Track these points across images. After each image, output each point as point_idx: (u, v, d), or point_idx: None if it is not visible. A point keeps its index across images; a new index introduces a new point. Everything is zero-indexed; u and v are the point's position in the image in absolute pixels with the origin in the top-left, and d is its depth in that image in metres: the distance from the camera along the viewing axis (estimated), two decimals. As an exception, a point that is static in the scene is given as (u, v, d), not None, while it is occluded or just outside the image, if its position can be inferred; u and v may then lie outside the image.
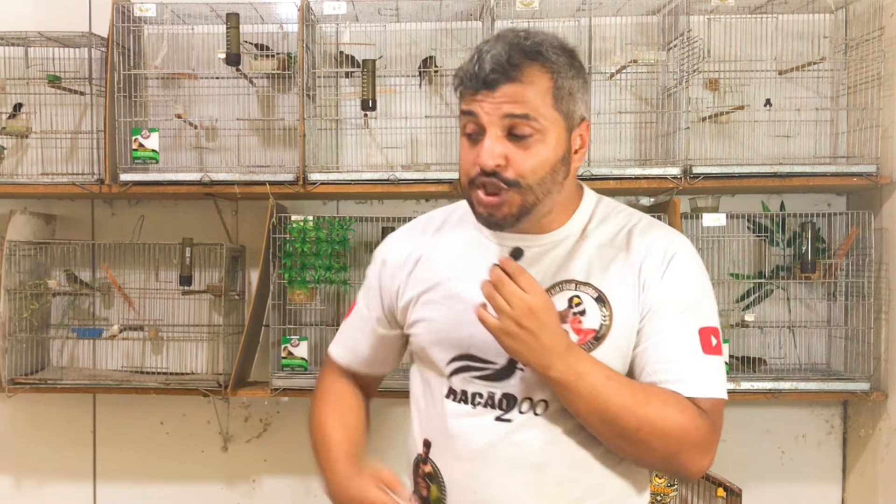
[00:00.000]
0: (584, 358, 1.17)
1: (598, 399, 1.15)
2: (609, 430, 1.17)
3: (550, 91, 1.19)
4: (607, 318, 1.22)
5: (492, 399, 1.25)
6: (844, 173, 2.24)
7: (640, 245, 1.25)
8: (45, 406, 2.61)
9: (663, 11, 2.42)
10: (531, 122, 1.17)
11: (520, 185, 1.18)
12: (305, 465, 2.61)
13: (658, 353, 1.21)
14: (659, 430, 1.15)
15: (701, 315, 1.23)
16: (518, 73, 1.17)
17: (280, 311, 2.39)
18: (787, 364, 2.47)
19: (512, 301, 1.13)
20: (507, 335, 1.14)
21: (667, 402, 1.17)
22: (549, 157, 1.19)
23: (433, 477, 1.30)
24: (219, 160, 2.53)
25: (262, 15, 2.41)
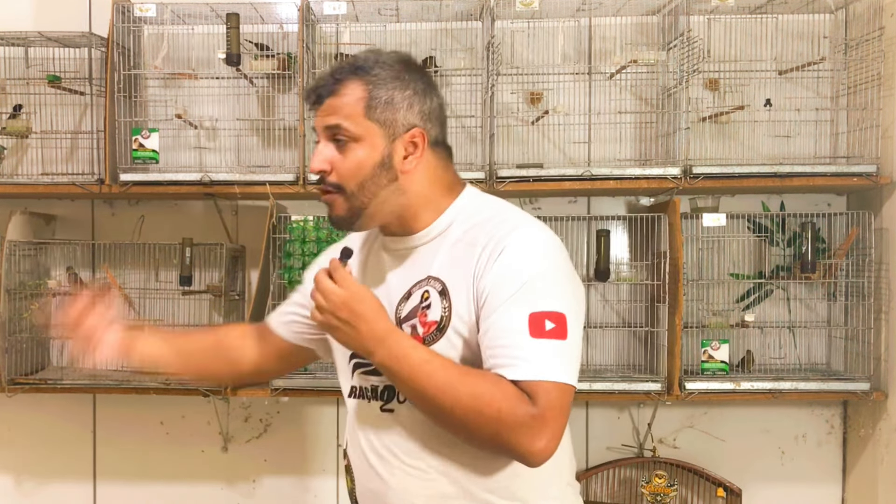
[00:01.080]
0: (403, 343, 1.25)
1: (416, 381, 1.22)
2: (431, 411, 1.24)
3: (363, 101, 1.31)
4: (447, 309, 1.29)
5: (376, 391, 1.36)
6: (844, 173, 2.24)
7: (482, 237, 1.31)
8: (45, 406, 2.61)
9: (663, 11, 2.42)
10: (342, 130, 1.31)
11: (343, 190, 1.32)
12: (305, 465, 2.62)
13: (488, 338, 1.25)
14: (472, 411, 1.19)
15: (533, 300, 1.24)
16: (336, 86, 1.32)
17: (280, 311, 2.39)
18: (787, 364, 2.47)
19: (327, 297, 1.24)
20: (330, 328, 1.26)
21: (481, 384, 1.20)
22: (364, 161, 1.31)
23: (349, 469, 1.43)
24: (219, 160, 2.53)
25: (262, 15, 2.41)
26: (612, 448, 2.53)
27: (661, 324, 2.31)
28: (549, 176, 2.27)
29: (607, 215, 2.47)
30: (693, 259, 2.41)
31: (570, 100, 2.42)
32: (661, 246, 2.33)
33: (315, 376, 2.34)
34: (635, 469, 2.49)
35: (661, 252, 2.32)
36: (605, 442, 2.52)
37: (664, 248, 2.31)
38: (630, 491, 2.47)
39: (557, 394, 1.21)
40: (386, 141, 1.32)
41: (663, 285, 2.28)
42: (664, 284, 2.27)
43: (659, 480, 2.39)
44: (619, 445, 2.53)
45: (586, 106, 2.44)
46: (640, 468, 2.47)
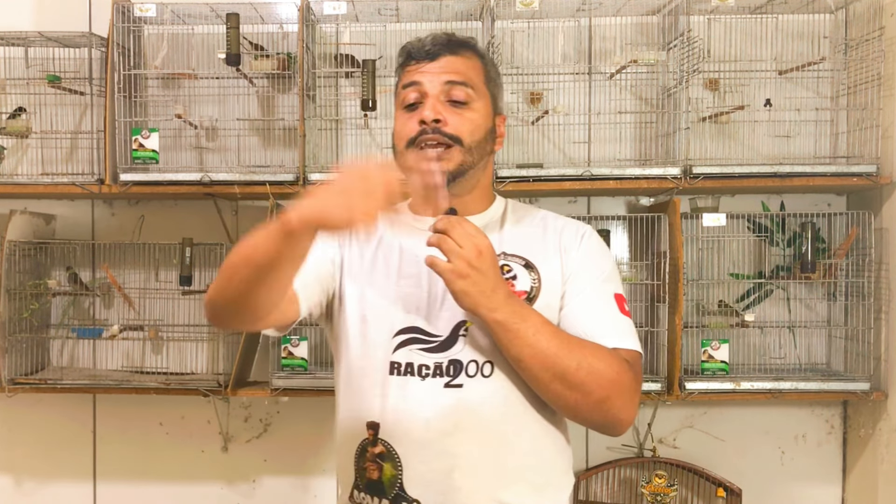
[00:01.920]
0: (523, 304, 1.27)
1: (540, 341, 1.22)
2: (549, 374, 1.23)
3: (482, 70, 1.37)
4: (536, 280, 1.33)
5: (439, 368, 1.30)
6: (844, 173, 2.24)
7: (555, 224, 1.41)
8: (45, 406, 2.61)
9: (663, 11, 2.42)
10: (467, 88, 1.33)
11: (461, 143, 1.31)
12: (305, 465, 2.62)
13: (582, 310, 1.32)
14: (595, 371, 1.23)
15: (615, 283, 1.37)
16: (457, 49, 1.35)
17: (280, 311, 2.39)
18: (787, 364, 2.47)
19: (463, 242, 1.20)
20: (459, 276, 1.20)
21: (598, 348, 1.27)
22: (481, 123, 1.34)
23: (386, 456, 1.32)
24: (219, 160, 2.53)
25: (262, 15, 2.41)
26: (612, 448, 2.53)
27: (661, 324, 2.31)
28: (549, 176, 2.27)
29: (607, 215, 2.47)
30: (693, 259, 2.41)
31: (570, 100, 2.42)
32: (661, 246, 2.33)
33: (315, 376, 2.34)
34: (635, 469, 2.49)
35: (661, 252, 2.32)
36: (605, 442, 2.52)
37: (664, 248, 2.31)
38: (630, 491, 2.47)
39: (640, 365, 1.33)
40: (492, 113, 1.39)
41: (663, 285, 2.28)
42: (664, 284, 2.27)
43: (659, 480, 2.39)
44: (619, 445, 2.53)
45: (586, 106, 2.44)
46: (640, 468, 2.47)
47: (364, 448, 1.35)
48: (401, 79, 1.39)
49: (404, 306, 1.33)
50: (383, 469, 1.32)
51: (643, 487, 2.40)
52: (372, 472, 1.34)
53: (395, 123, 1.38)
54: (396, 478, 1.31)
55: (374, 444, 1.33)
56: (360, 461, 1.35)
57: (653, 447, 2.51)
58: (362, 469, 1.35)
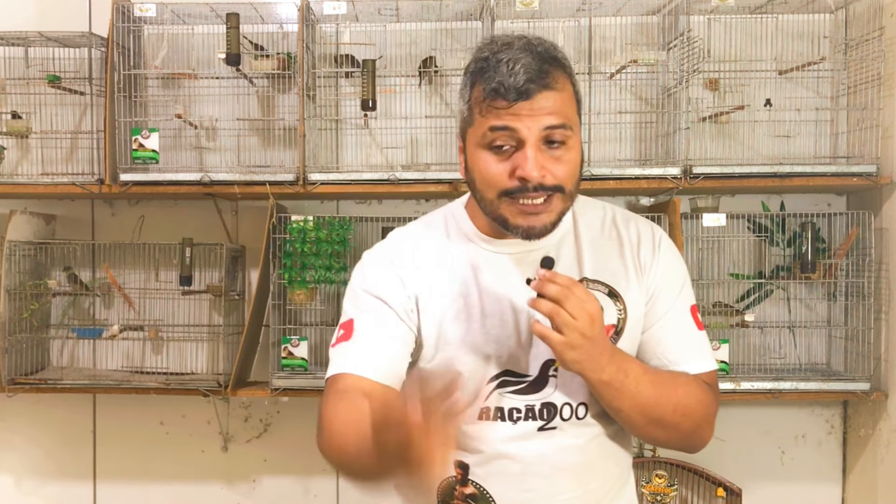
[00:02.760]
0: (625, 356, 1.22)
1: (641, 394, 1.20)
2: (647, 420, 1.22)
3: (573, 96, 1.21)
4: (622, 311, 1.27)
5: (532, 411, 1.25)
6: (844, 173, 2.24)
7: (628, 233, 1.30)
8: (45, 406, 2.61)
9: (663, 11, 2.42)
10: (566, 130, 1.17)
11: (563, 191, 1.18)
12: (305, 465, 2.62)
13: (664, 336, 1.28)
14: (688, 411, 1.23)
15: (689, 293, 1.32)
16: (550, 79, 1.15)
17: (280, 311, 2.39)
18: (787, 364, 2.47)
19: (577, 314, 1.11)
20: (572, 348, 1.13)
21: (690, 384, 1.25)
22: (577, 161, 1.21)
23: (478, 497, 1.28)
24: (219, 160, 2.53)
25: (262, 15, 2.41)
26: (612, 448, 2.53)
27: (661, 324, 2.30)
28: (549, 176, 2.26)
29: (607, 215, 2.47)
30: (693, 259, 2.41)
31: (570, 100, 2.41)
32: (661, 246, 2.33)
33: (315, 376, 2.34)
34: (635, 469, 2.47)
35: (661, 252, 2.31)
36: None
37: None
38: (630, 491, 2.47)
39: (717, 379, 1.32)
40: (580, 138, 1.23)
41: (663, 285, 2.28)
42: (664, 284, 2.27)
43: (659, 480, 2.39)
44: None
45: (586, 106, 2.44)
46: (641, 468, 2.47)
47: (451, 487, 1.29)
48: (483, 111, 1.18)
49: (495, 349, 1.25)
50: None
51: (643, 487, 2.40)
52: None
53: (478, 163, 1.20)
54: None
55: (463, 484, 1.29)
56: (445, 497, 1.30)
57: (653, 447, 2.51)
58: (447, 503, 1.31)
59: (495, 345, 1.25)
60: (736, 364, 2.40)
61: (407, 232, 1.36)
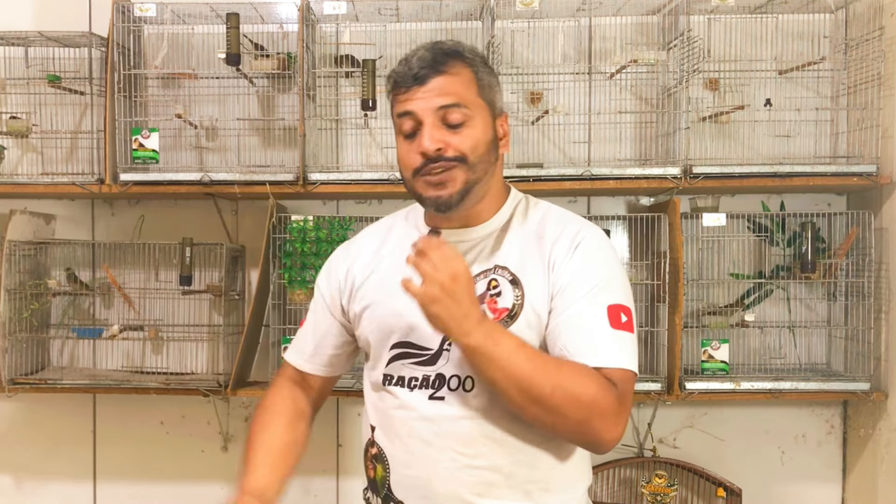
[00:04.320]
0: (498, 327, 1.26)
1: (513, 365, 1.20)
2: (524, 397, 1.21)
3: (474, 81, 1.33)
4: (519, 297, 1.31)
5: (426, 380, 1.34)
6: (844, 173, 2.24)
7: (552, 231, 1.37)
8: (45, 406, 2.61)
9: (663, 11, 2.42)
10: (461, 108, 1.30)
11: (465, 161, 1.30)
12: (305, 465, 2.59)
13: (567, 327, 1.28)
14: (571, 395, 1.21)
15: (610, 293, 1.30)
16: (444, 66, 1.30)
17: (280, 311, 2.39)
18: (787, 364, 2.47)
19: (439, 266, 1.19)
20: (432, 300, 1.19)
21: (577, 370, 1.24)
22: (481, 138, 1.32)
23: (378, 457, 1.40)
24: (219, 160, 2.53)
25: (262, 15, 2.41)
26: (612, 448, 2.53)
27: (661, 323, 2.31)
28: (549, 176, 2.27)
29: (607, 215, 2.47)
30: (693, 259, 2.41)
31: (570, 100, 2.42)
32: (661, 246, 2.33)
33: (315, 376, 2.34)
34: (635, 469, 2.49)
35: (661, 252, 2.32)
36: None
37: (664, 247, 2.31)
38: (630, 491, 2.47)
39: (631, 384, 1.28)
40: (491, 120, 1.35)
41: (663, 285, 2.28)
42: (664, 284, 2.27)
43: (659, 480, 2.39)
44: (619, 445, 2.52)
45: (586, 106, 2.44)
46: (641, 468, 2.47)
47: (367, 447, 1.46)
48: (393, 105, 1.35)
49: (400, 322, 1.36)
50: (377, 469, 1.41)
51: (643, 487, 2.40)
52: (370, 470, 1.44)
53: (398, 150, 1.35)
54: (385, 479, 1.39)
55: (372, 445, 1.43)
56: (364, 459, 1.47)
57: (653, 447, 2.51)
58: (366, 466, 1.46)
59: (401, 318, 1.35)
60: (736, 364, 2.40)
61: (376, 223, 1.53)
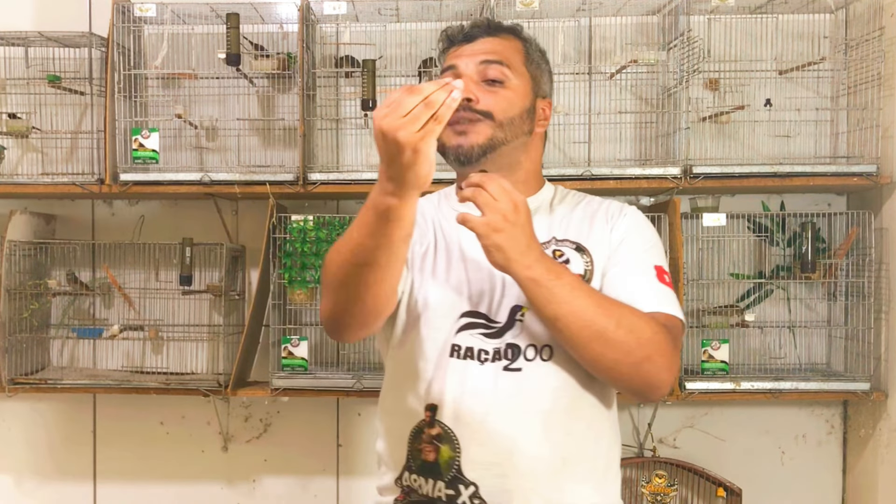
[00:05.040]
0: (557, 262, 1.27)
1: (576, 299, 1.20)
2: (587, 332, 1.20)
3: (522, 51, 1.39)
4: (589, 262, 1.34)
5: (498, 352, 1.30)
6: (844, 173, 2.24)
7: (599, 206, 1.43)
8: (45, 406, 2.61)
9: (663, 11, 2.42)
10: (502, 66, 1.34)
11: (491, 117, 1.31)
12: (305, 465, 2.62)
13: (619, 280, 1.31)
14: (633, 331, 1.21)
15: (655, 256, 1.37)
16: (495, 32, 1.38)
17: (280, 311, 2.39)
18: (787, 364, 2.47)
19: (498, 195, 1.17)
20: (494, 230, 1.17)
21: (635, 310, 1.25)
22: (516, 102, 1.34)
23: (443, 437, 1.30)
24: (219, 160, 2.53)
25: (262, 15, 2.41)
26: (612, 448, 2.53)
27: (661, 324, 2.30)
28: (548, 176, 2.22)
29: (607, 215, 2.47)
30: (693, 259, 2.41)
31: (570, 100, 2.42)
32: (661, 246, 2.33)
33: (315, 376, 2.34)
34: (635, 469, 2.49)
35: (661, 252, 2.31)
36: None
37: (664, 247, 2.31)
38: (630, 491, 2.47)
39: (680, 332, 1.31)
40: (532, 94, 1.38)
41: (663, 285, 2.28)
42: (664, 284, 2.27)
43: (659, 480, 2.39)
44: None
45: (586, 106, 2.44)
46: (641, 468, 2.47)
47: (420, 430, 1.33)
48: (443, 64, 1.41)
49: (467, 290, 1.33)
50: (440, 451, 1.30)
51: (643, 487, 2.40)
52: (428, 453, 1.32)
53: None
54: (454, 460, 1.29)
55: (431, 426, 1.32)
56: (414, 443, 1.33)
57: (653, 447, 2.51)
58: (417, 451, 1.33)
59: (468, 286, 1.33)
60: (736, 364, 2.40)
61: None
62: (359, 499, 2.61)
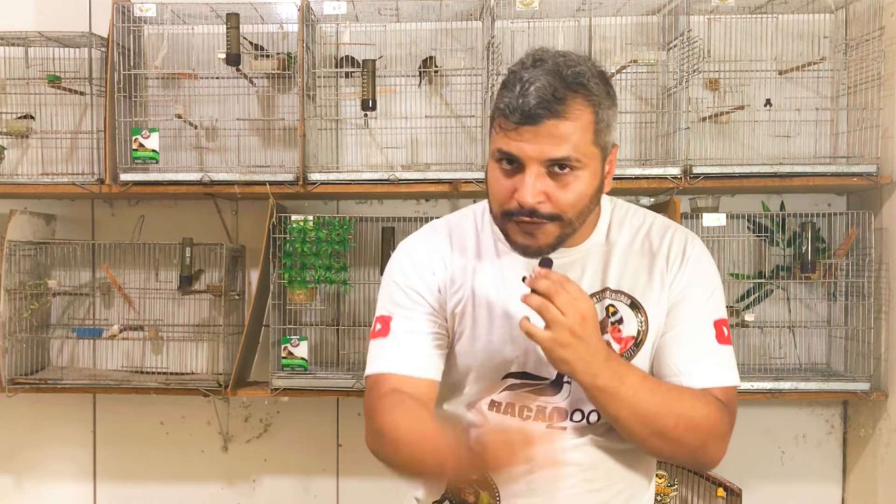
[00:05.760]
0: (622, 362, 1.20)
1: (639, 402, 1.17)
2: (647, 431, 1.19)
3: (592, 126, 1.17)
4: (643, 323, 1.26)
5: (542, 412, 1.27)
6: (844, 173, 2.24)
7: (660, 246, 1.29)
8: (45, 406, 2.61)
9: (663, 11, 2.42)
10: (572, 162, 1.15)
11: (560, 219, 1.18)
12: (305, 465, 2.62)
13: (678, 345, 1.25)
14: (692, 425, 1.19)
15: (716, 308, 1.28)
16: (563, 107, 1.13)
17: (280, 311, 2.39)
18: (787, 364, 2.47)
19: (567, 310, 1.11)
20: (561, 346, 1.12)
21: (696, 398, 1.22)
22: (586, 191, 1.18)
23: (485, 484, 1.28)
24: (219, 160, 2.53)
25: (262, 15, 2.41)
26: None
27: (661, 324, 2.31)
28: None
29: (607, 215, 2.47)
30: (693, 259, 2.41)
31: (570, 100, 2.41)
32: (661, 246, 2.33)
33: (315, 376, 2.34)
34: (635, 469, 2.48)
35: (661, 252, 2.31)
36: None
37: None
38: (630, 491, 2.47)
39: (735, 398, 1.28)
40: (601, 165, 1.22)
41: (663, 285, 2.28)
42: (664, 284, 2.27)
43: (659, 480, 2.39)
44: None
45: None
46: (640, 468, 2.47)
47: None
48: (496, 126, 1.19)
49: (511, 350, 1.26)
50: (480, 497, 1.30)
51: None
52: (468, 495, 1.31)
53: (490, 173, 1.21)
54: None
55: None
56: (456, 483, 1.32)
57: (653, 447, 2.51)
58: (456, 489, 1.31)
59: (514, 345, 1.26)
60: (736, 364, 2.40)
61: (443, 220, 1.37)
62: (359, 499, 2.61)
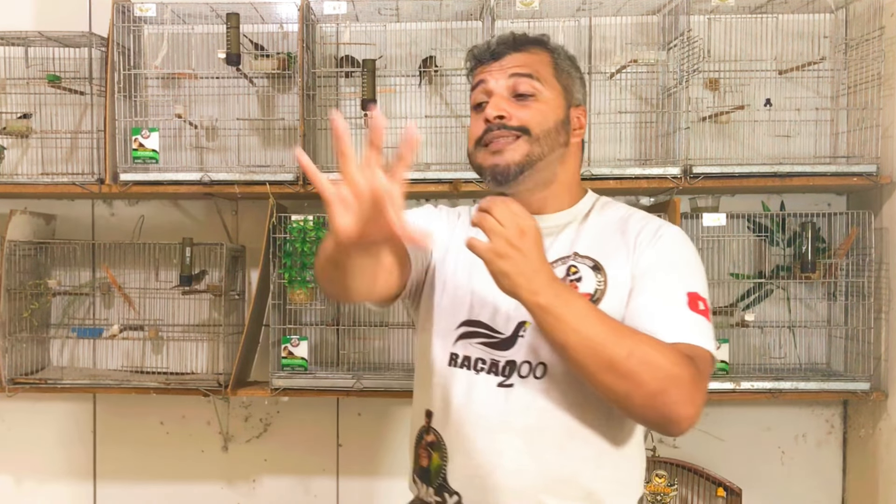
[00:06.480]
0: (569, 288, 1.21)
1: (586, 327, 1.14)
2: (597, 362, 1.14)
3: (550, 63, 1.36)
4: (602, 282, 1.29)
5: (495, 366, 1.29)
6: (844, 173, 2.24)
7: (636, 226, 1.34)
8: (45, 406, 2.61)
9: (663, 11, 2.42)
10: (533, 80, 1.32)
11: (528, 133, 1.29)
12: (305, 465, 2.62)
13: (645, 309, 1.23)
14: (647, 361, 1.14)
15: (689, 281, 1.27)
16: (522, 46, 1.35)
17: (280, 311, 2.39)
18: (788, 364, 2.47)
19: (504, 221, 1.13)
20: (499, 256, 1.13)
21: (653, 340, 1.17)
22: (549, 114, 1.32)
23: (436, 445, 1.32)
24: (219, 160, 2.53)
25: (262, 15, 2.41)
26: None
27: (661, 324, 2.30)
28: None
29: (607, 215, 2.47)
30: (693, 259, 2.41)
31: (570, 100, 2.42)
32: (661, 246, 2.33)
33: (315, 376, 2.34)
34: (635, 469, 2.48)
35: (661, 252, 2.31)
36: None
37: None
38: (630, 491, 2.47)
39: (709, 365, 1.22)
40: (565, 104, 1.36)
41: (663, 285, 2.28)
42: (664, 284, 2.27)
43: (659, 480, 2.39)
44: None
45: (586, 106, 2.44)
46: (640, 468, 2.47)
47: (421, 435, 1.36)
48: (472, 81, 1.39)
49: (473, 299, 1.32)
50: (432, 458, 1.33)
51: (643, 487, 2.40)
52: (423, 459, 1.35)
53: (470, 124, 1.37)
54: (441, 468, 1.31)
55: (427, 432, 1.35)
56: (416, 447, 1.37)
57: (653, 447, 2.51)
58: (417, 455, 1.37)
59: (475, 295, 1.32)
60: (736, 364, 2.40)
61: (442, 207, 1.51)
62: (359, 499, 2.61)
